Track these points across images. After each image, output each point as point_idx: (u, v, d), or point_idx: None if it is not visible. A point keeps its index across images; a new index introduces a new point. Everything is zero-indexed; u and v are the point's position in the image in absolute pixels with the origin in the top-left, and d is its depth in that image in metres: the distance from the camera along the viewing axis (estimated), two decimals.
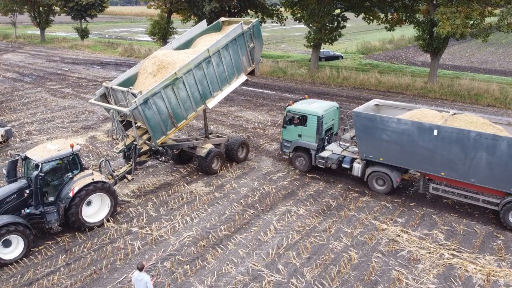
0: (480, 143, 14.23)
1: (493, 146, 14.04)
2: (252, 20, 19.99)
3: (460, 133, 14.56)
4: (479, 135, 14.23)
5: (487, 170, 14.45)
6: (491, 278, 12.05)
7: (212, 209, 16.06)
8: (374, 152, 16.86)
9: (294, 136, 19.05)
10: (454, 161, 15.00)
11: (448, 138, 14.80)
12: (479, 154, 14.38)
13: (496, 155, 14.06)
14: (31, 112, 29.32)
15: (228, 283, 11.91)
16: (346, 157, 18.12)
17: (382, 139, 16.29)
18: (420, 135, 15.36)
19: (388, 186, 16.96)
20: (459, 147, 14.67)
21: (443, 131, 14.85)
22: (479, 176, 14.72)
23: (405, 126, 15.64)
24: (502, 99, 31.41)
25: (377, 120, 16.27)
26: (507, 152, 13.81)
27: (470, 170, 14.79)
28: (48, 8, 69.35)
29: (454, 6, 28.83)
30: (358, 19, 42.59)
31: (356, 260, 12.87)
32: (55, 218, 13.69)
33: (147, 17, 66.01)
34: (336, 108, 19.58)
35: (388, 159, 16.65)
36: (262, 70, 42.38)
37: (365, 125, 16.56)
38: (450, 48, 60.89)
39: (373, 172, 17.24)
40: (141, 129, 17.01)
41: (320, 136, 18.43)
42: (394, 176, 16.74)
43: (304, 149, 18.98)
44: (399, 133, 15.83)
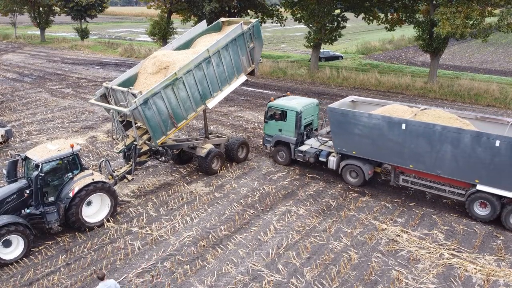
0: (445, 136, 14.81)
1: (457, 139, 14.60)
2: (252, 20, 20.01)
3: (426, 127, 15.15)
4: (444, 129, 14.82)
5: (452, 162, 15.04)
6: (490, 278, 12.06)
7: (212, 209, 16.07)
8: (347, 146, 17.56)
9: (275, 130, 19.86)
10: (421, 154, 15.61)
11: (416, 132, 15.38)
12: (444, 147, 14.97)
13: (460, 147, 14.65)
14: (31, 112, 29.33)
15: (228, 283, 11.92)
16: (323, 151, 18.83)
17: (355, 134, 16.96)
18: (389, 129, 15.99)
19: (361, 179, 17.65)
20: (426, 140, 15.26)
21: (410, 125, 15.44)
22: (445, 168, 15.30)
23: (376, 121, 16.26)
24: (502, 99, 31.44)
25: (349, 115, 16.93)
26: (470, 145, 14.39)
27: (437, 162, 15.38)
28: (48, 8, 69.37)
29: (454, 6, 28.86)
30: (358, 19, 42.62)
31: (356, 260, 12.88)
32: (55, 218, 13.70)
33: (147, 17, 66.01)
34: (316, 104, 20.32)
35: (360, 152, 17.31)
36: (262, 70, 42.40)
37: (339, 120, 17.24)
38: (450, 48, 60.89)
39: (346, 165, 17.93)
40: (141, 129, 17.03)
41: (299, 130, 19.22)
42: (366, 169, 17.44)
43: (284, 143, 19.77)
44: (370, 128, 16.47)
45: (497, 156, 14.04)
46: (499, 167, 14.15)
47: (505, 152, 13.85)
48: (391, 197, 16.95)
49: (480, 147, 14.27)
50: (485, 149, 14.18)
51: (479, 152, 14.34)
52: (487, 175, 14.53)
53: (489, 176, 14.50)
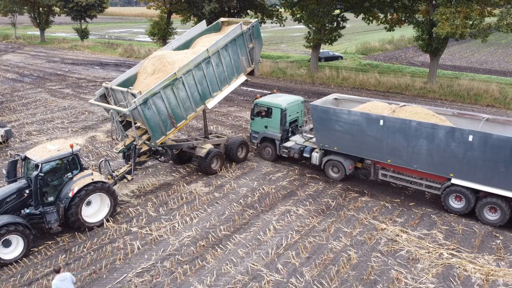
0: (421, 132, 15.23)
1: (432, 134, 15.01)
2: (252, 20, 20.02)
3: (402, 123, 15.61)
4: (419, 124, 15.25)
5: (428, 156, 15.46)
6: (490, 277, 12.07)
7: (211, 209, 16.08)
8: (329, 142, 18.05)
9: (261, 127, 20.41)
10: (398, 149, 16.08)
11: (393, 127, 15.84)
12: (420, 142, 15.40)
13: (435, 142, 15.06)
14: (31, 112, 29.35)
15: (227, 283, 11.93)
16: (307, 147, 19.31)
17: (336, 130, 17.43)
18: (368, 125, 16.43)
19: (342, 174, 18.21)
20: (403, 135, 15.72)
21: (388, 121, 15.89)
22: (421, 162, 15.74)
23: (355, 117, 16.71)
24: (502, 99, 31.45)
25: (331, 112, 17.37)
26: (445, 140, 14.80)
27: (413, 157, 15.84)
28: (48, 8, 69.43)
29: (454, 6, 28.89)
30: (357, 19, 42.67)
31: (355, 260, 12.89)
32: (54, 218, 13.70)
33: (147, 17, 66.09)
34: (301, 102, 20.74)
35: (341, 148, 17.82)
36: (262, 70, 42.42)
37: (321, 117, 17.67)
38: (449, 48, 60.94)
39: (328, 161, 18.45)
40: (140, 130, 17.04)
41: (284, 127, 19.69)
42: (346, 164, 17.96)
43: (270, 139, 20.27)
44: (350, 124, 16.92)
45: (470, 150, 14.45)
46: (472, 161, 14.57)
47: (478, 147, 14.26)
48: (391, 197, 16.97)
49: (454, 142, 14.68)
50: (459, 144, 14.59)
51: (453, 147, 14.76)
52: (461, 169, 14.94)
53: (463, 170, 14.91)
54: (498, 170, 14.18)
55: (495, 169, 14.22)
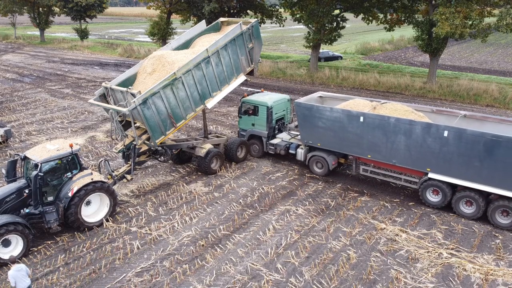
0: (399, 128, 15.73)
1: (409, 130, 15.51)
2: (251, 20, 20.02)
3: (381, 119, 16.11)
4: (398, 121, 15.75)
5: (406, 152, 15.95)
6: (489, 277, 12.07)
7: (211, 209, 16.08)
8: (313, 138, 18.53)
9: (248, 125, 20.92)
10: (378, 144, 16.57)
11: (372, 124, 16.34)
12: (398, 137, 15.89)
13: (413, 138, 15.54)
14: (30, 112, 29.35)
15: (227, 283, 11.93)
16: (293, 144, 19.84)
17: (319, 127, 17.94)
18: (349, 122, 16.96)
19: (325, 169, 18.71)
20: (382, 131, 16.22)
21: (367, 118, 16.41)
22: (400, 157, 16.22)
23: (337, 114, 17.22)
24: (501, 99, 31.46)
25: (314, 109, 17.86)
26: (421, 135, 15.27)
27: (392, 152, 16.31)
28: (48, 9, 69.43)
29: (453, 6, 28.90)
30: (357, 19, 42.68)
31: (354, 260, 12.89)
32: (54, 218, 13.71)
33: (146, 17, 66.11)
34: (287, 100, 21.14)
35: (324, 144, 18.32)
36: (262, 70, 42.43)
37: (304, 114, 18.16)
38: (449, 48, 60.96)
39: (312, 157, 18.96)
40: (140, 129, 17.03)
41: (270, 124, 20.22)
42: (329, 160, 18.47)
43: (257, 137, 20.75)
44: (332, 121, 17.45)
45: (446, 145, 14.89)
46: (448, 156, 15.02)
47: (453, 142, 14.70)
48: (390, 197, 16.97)
49: (430, 137, 15.13)
50: (435, 139, 15.04)
51: (430, 142, 15.20)
52: (438, 163, 15.37)
53: (439, 164, 15.34)
54: (473, 165, 14.60)
55: (470, 164, 14.65)
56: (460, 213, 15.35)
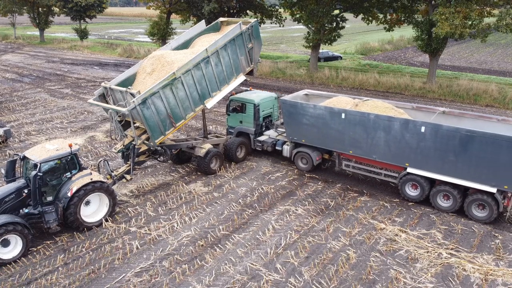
0: (378, 124, 16.21)
1: (388, 126, 15.99)
2: (251, 20, 20.00)
3: (362, 116, 16.59)
4: (377, 117, 16.21)
5: (385, 147, 16.43)
6: (489, 277, 12.06)
7: (210, 209, 16.07)
8: (298, 135, 19.03)
9: (236, 122, 21.33)
10: (359, 140, 17.05)
11: (353, 120, 16.83)
12: (378, 133, 16.35)
13: (391, 134, 16.02)
14: (30, 112, 29.33)
15: (226, 283, 11.92)
16: (279, 140, 20.33)
17: (303, 123, 18.39)
18: (331, 118, 17.44)
19: (310, 165, 19.17)
20: (362, 128, 16.70)
21: (349, 114, 16.89)
22: (379, 153, 16.68)
23: (320, 111, 17.71)
24: (501, 99, 31.46)
25: (298, 106, 18.31)
26: (400, 131, 15.76)
27: (372, 148, 16.78)
28: (48, 9, 69.39)
29: (453, 6, 28.89)
30: (357, 19, 42.66)
31: (354, 260, 12.88)
32: (53, 218, 13.69)
33: (146, 18, 66.09)
34: (274, 98, 21.57)
35: (308, 140, 18.80)
36: (261, 70, 42.42)
37: (290, 111, 18.65)
38: (449, 48, 60.97)
39: (298, 153, 19.44)
40: (139, 129, 17.01)
41: (257, 122, 20.64)
42: (314, 156, 18.94)
43: (245, 134, 21.10)
44: (315, 117, 17.91)
45: (423, 141, 15.34)
46: (425, 151, 15.47)
47: (430, 137, 15.15)
48: (390, 197, 16.97)
49: (408, 133, 15.61)
50: (413, 135, 15.51)
51: (408, 138, 15.67)
52: (416, 158, 15.83)
53: (417, 159, 15.80)
54: (448, 159, 15.04)
55: (446, 158, 15.09)
56: (437, 206, 15.82)
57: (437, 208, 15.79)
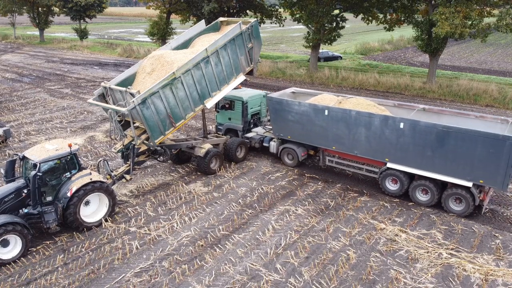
0: (360, 120, 16.65)
1: (369, 122, 16.43)
2: (251, 20, 19.97)
3: (344, 113, 17.05)
4: (358, 114, 16.66)
5: (366, 143, 16.89)
6: (489, 277, 12.05)
7: (210, 209, 16.05)
8: (284, 131, 19.47)
9: (225, 119, 21.86)
10: (341, 136, 17.53)
11: (336, 117, 17.29)
12: (359, 129, 16.83)
13: (372, 130, 16.46)
14: (29, 112, 29.30)
15: (226, 283, 11.90)
16: (266, 137, 20.86)
17: (289, 120, 18.88)
18: (315, 115, 17.90)
19: (295, 160, 19.69)
20: (344, 124, 17.16)
21: (331, 111, 17.36)
22: (361, 148, 17.17)
23: (305, 108, 18.15)
24: (501, 99, 31.46)
25: (284, 103, 18.80)
26: (380, 127, 16.19)
27: (354, 144, 17.27)
28: (47, 8, 69.37)
29: (453, 6, 28.89)
30: (357, 19, 42.64)
31: (354, 260, 12.86)
32: (53, 218, 13.66)
33: (146, 17, 66.08)
34: (263, 96, 21.87)
35: (294, 136, 19.26)
36: (261, 70, 42.40)
37: (276, 108, 19.14)
38: (449, 48, 60.98)
39: (284, 149, 19.95)
40: (139, 129, 16.99)
41: (245, 119, 21.12)
42: (299, 151, 19.46)
43: (233, 130, 21.63)
44: (300, 114, 18.37)
45: (402, 136, 15.80)
46: (404, 147, 15.92)
47: (408, 133, 15.61)
48: (390, 197, 16.94)
49: (387, 129, 16.05)
50: (392, 131, 15.96)
51: (387, 134, 16.12)
52: (395, 154, 16.30)
53: (397, 155, 16.26)
54: (426, 154, 15.47)
55: (423, 153, 15.52)
56: (416, 200, 16.29)
57: (415, 202, 16.27)
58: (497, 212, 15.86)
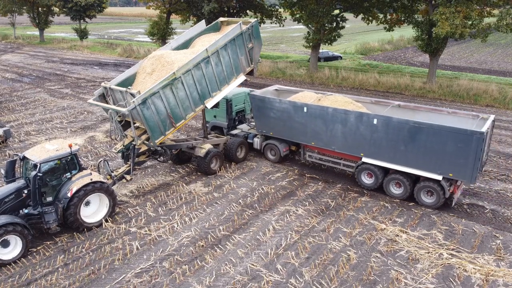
0: (336, 117, 17.25)
1: (345, 119, 17.02)
2: (251, 20, 19.96)
3: (321, 109, 17.64)
4: (335, 110, 17.26)
5: (343, 139, 17.47)
6: (490, 278, 12.04)
7: (210, 209, 16.04)
8: (266, 127, 20.11)
9: (211, 116, 22.25)
10: (319, 132, 18.11)
11: (314, 114, 17.89)
12: (336, 126, 17.40)
13: (348, 126, 17.05)
14: (29, 112, 29.29)
15: (226, 283, 11.89)
16: (251, 134, 21.36)
17: (271, 117, 19.46)
18: (295, 112, 18.46)
19: (277, 156, 20.35)
20: (322, 121, 17.75)
21: (310, 108, 17.94)
22: (338, 144, 17.76)
23: (285, 105, 18.74)
24: (501, 99, 31.45)
25: (266, 100, 19.39)
26: (355, 124, 16.77)
27: (331, 139, 17.86)
28: (47, 8, 69.34)
29: (453, 6, 28.88)
30: (357, 19, 42.63)
31: (355, 260, 12.86)
32: (53, 218, 13.66)
33: (146, 17, 66.05)
34: (247, 93, 22.18)
35: (276, 133, 19.90)
36: (261, 70, 42.39)
37: (258, 105, 19.72)
38: (449, 48, 60.98)
39: (266, 145, 20.60)
40: (139, 129, 16.98)
41: (230, 116, 21.66)
42: (281, 147, 20.10)
43: (219, 127, 22.19)
44: (281, 111, 18.94)
45: (376, 132, 16.37)
46: (378, 142, 16.49)
47: (381, 129, 16.18)
48: (390, 197, 16.93)
49: (362, 125, 16.63)
50: (366, 127, 16.53)
51: (362, 130, 16.70)
52: (369, 149, 16.86)
53: (371, 149, 16.83)
54: (399, 149, 16.03)
55: (396, 148, 16.08)
56: (389, 193, 16.91)
57: (389, 195, 16.89)
58: (497, 213, 15.85)
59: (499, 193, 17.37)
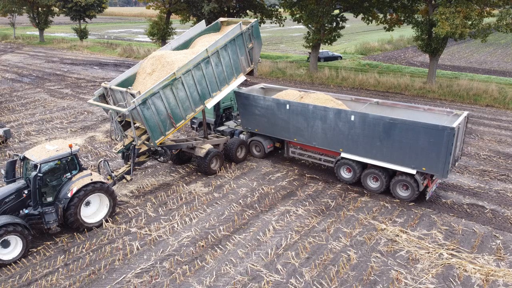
0: (316, 114, 17.80)
1: (324, 116, 17.59)
2: (251, 20, 19.97)
3: (303, 107, 18.16)
4: (315, 108, 17.78)
5: (323, 135, 18.01)
6: (490, 278, 12.04)
7: (211, 209, 16.05)
8: (251, 124, 20.63)
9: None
10: (301, 129, 18.62)
11: (296, 111, 18.42)
12: (316, 122, 17.95)
13: (327, 122, 17.61)
14: (29, 112, 29.29)
15: (227, 283, 11.90)
16: (237, 130, 21.75)
17: (256, 114, 20.00)
18: (278, 109, 19.03)
19: (262, 152, 20.87)
20: (303, 117, 18.30)
21: (292, 106, 18.50)
22: (318, 140, 18.29)
23: (269, 103, 19.30)
24: (501, 99, 31.46)
25: (250, 98, 19.93)
26: (334, 120, 17.34)
27: (312, 136, 18.41)
28: (47, 8, 69.32)
29: (453, 6, 28.89)
30: (357, 19, 42.67)
31: (355, 260, 12.86)
32: (53, 218, 13.66)
33: (146, 17, 66.12)
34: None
35: (261, 129, 20.39)
36: (261, 70, 42.40)
37: (243, 103, 20.30)
38: (449, 48, 61.00)
39: (252, 141, 21.07)
40: (140, 130, 16.99)
41: (217, 113, 22.31)
42: (265, 144, 20.65)
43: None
44: (265, 109, 19.51)
45: (353, 128, 16.92)
46: (355, 138, 17.03)
47: (358, 125, 16.71)
48: (390, 197, 16.94)
49: (340, 121, 17.16)
50: (344, 123, 17.08)
51: (341, 126, 17.25)
52: (348, 144, 17.41)
53: (349, 145, 17.38)
54: (375, 145, 16.55)
55: (373, 144, 16.61)
56: (367, 187, 17.47)
57: (366, 188, 17.46)
58: (497, 213, 15.85)
59: (499, 193, 17.38)
